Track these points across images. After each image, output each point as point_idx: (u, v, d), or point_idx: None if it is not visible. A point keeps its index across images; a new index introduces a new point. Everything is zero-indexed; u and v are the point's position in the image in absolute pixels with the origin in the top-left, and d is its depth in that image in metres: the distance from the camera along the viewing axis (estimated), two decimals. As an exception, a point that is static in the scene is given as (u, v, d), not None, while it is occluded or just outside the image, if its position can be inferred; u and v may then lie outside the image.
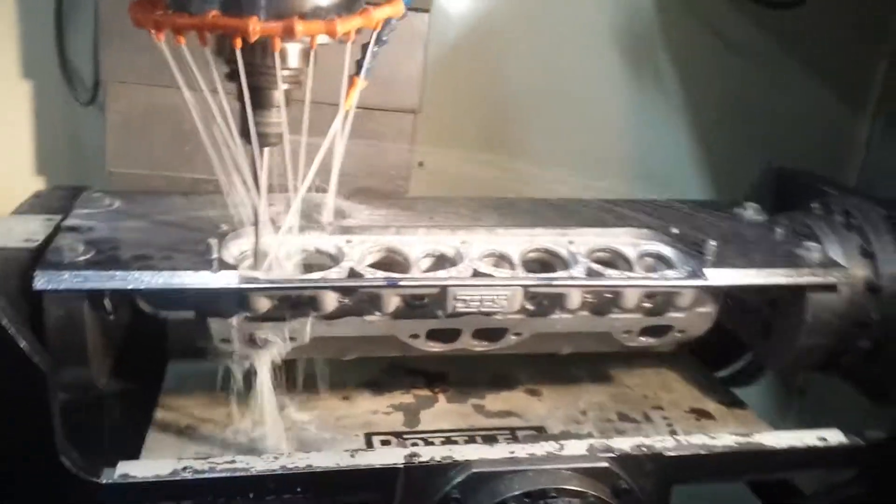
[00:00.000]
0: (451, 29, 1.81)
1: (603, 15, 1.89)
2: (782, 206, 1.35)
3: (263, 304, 1.01)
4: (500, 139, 1.85)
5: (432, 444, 1.12)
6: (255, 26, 0.83)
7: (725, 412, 1.29)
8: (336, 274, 1.01)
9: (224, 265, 0.96)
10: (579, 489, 0.97)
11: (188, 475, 0.92)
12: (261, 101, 0.93)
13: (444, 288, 1.03)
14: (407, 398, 1.25)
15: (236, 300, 1.00)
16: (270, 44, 0.86)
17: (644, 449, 1.03)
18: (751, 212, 1.31)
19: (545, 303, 1.10)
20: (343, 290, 1.03)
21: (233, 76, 0.91)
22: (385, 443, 1.12)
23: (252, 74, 0.91)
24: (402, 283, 1.01)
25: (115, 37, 1.42)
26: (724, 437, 1.08)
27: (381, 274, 1.01)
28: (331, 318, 1.05)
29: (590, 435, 1.18)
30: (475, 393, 1.27)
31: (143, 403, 1.20)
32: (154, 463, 0.94)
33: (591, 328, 1.14)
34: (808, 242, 1.16)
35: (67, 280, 0.91)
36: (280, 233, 1.02)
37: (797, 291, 1.13)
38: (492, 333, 1.13)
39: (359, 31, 0.92)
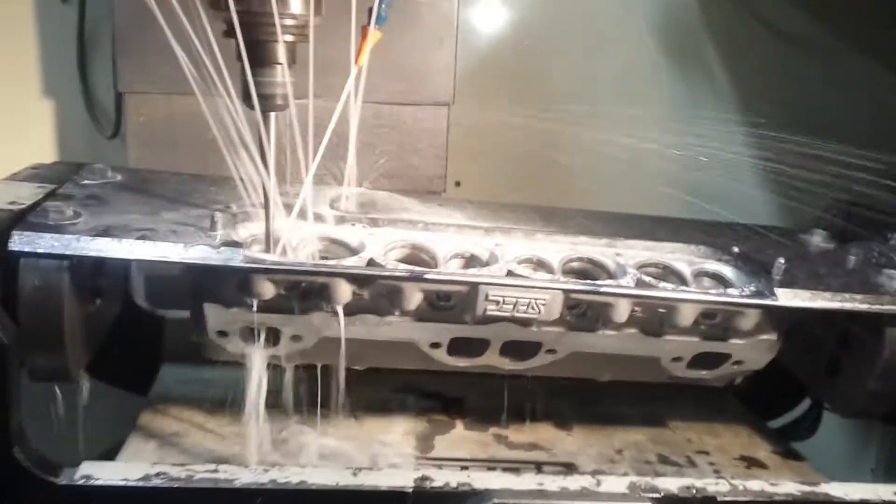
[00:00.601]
0: (483, 37, 1.72)
1: (645, 9, 1.76)
2: (851, 240, 1.22)
3: (268, 289, 0.88)
4: (538, 151, 1.73)
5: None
6: None
7: (780, 462, 1.15)
8: (353, 262, 0.89)
9: (228, 242, 0.85)
10: (618, 531, 0.83)
11: (161, 482, 0.79)
12: (261, 57, 0.81)
13: (475, 286, 0.90)
14: (421, 422, 1.12)
15: (238, 282, 0.88)
16: None
17: (694, 491, 0.89)
18: (818, 238, 1.17)
19: (588, 314, 0.97)
20: (360, 281, 0.90)
21: (230, 32, 0.79)
22: (394, 465, 0.98)
23: (249, 26, 0.79)
24: (427, 276, 0.89)
25: (133, 46, 1.35)
26: (785, 485, 0.93)
27: (403, 266, 0.89)
28: (344, 314, 0.92)
29: (625, 475, 1.03)
30: (496, 422, 1.14)
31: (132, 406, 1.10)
32: (123, 466, 0.81)
33: (637, 351, 1.00)
34: (890, 270, 1.02)
35: (46, 243, 0.79)
36: (292, 214, 0.90)
37: (874, 324, 0.99)
38: (523, 349, 0.99)
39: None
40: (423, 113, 1.42)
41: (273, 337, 0.94)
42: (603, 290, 0.93)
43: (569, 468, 1.04)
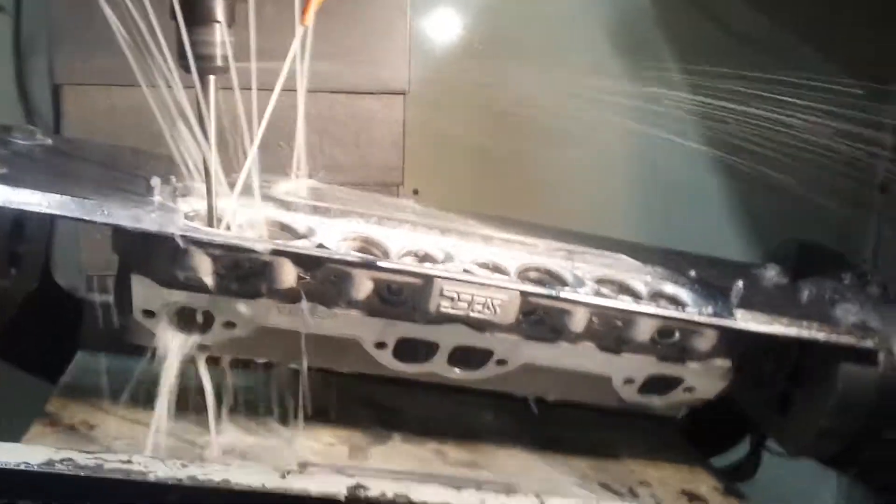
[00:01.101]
0: (438, 44, 1.66)
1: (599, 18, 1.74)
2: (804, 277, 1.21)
3: (205, 265, 0.81)
4: (497, 158, 1.69)
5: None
6: None
7: (720, 499, 1.11)
8: (303, 244, 0.82)
9: (166, 208, 0.77)
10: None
11: (66, 469, 0.70)
12: (197, 14, 0.75)
13: (430, 279, 0.85)
14: (354, 430, 1.05)
15: (172, 253, 0.80)
16: None
17: None
18: (773, 272, 1.16)
19: (544, 322, 0.93)
20: (307, 264, 0.83)
21: None
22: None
23: None
24: (380, 264, 0.83)
25: (69, 34, 1.25)
26: None
27: (355, 253, 0.83)
28: (285, 300, 0.86)
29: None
30: (436, 436, 1.08)
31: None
32: (24, 448, 0.72)
33: (590, 368, 0.96)
34: (845, 304, 1.01)
35: None
36: (234, 190, 0.84)
37: (828, 357, 0.97)
38: (473, 357, 0.94)
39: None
40: (377, 102, 1.36)
41: (205, 322, 0.87)
42: (562, 295, 0.89)
43: (509, 490, 0.98)
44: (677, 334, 0.96)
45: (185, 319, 0.86)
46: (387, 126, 1.37)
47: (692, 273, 1.03)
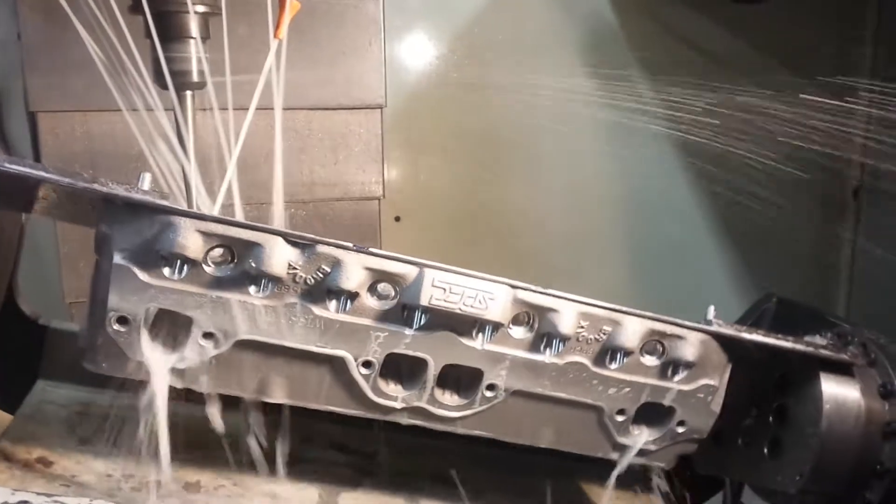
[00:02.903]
0: (413, 72, 1.68)
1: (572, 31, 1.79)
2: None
3: (195, 242, 0.77)
4: (476, 184, 1.68)
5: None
6: None
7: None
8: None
9: (155, 194, 0.75)
10: None
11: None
12: (174, 30, 0.76)
13: (421, 269, 0.83)
14: (325, 474, 1.01)
15: (162, 229, 0.76)
16: None
17: None
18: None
19: (534, 328, 0.91)
20: (300, 246, 0.80)
21: (137, 5, 0.74)
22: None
23: None
24: (372, 250, 0.81)
25: (43, 61, 1.24)
26: None
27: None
28: (274, 297, 0.82)
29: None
30: (410, 484, 1.04)
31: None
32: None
33: (580, 395, 0.93)
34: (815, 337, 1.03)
35: None
36: (217, 200, 0.81)
37: (811, 380, 0.99)
38: (462, 382, 0.91)
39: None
40: (355, 117, 1.36)
41: (182, 335, 0.82)
42: (549, 292, 0.88)
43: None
44: (663, 346, 0.96)
45: (161, 330, 0.82)
46: (365, 141, 1.37)
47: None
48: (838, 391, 1.02)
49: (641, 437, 0.99)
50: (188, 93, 0.78)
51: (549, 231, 1.74)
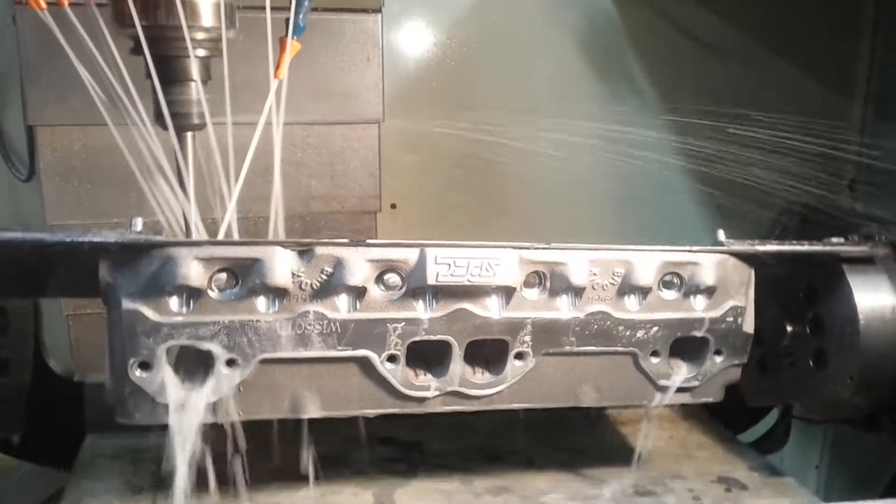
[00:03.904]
0: (411, 58, 1.65)
1: (570, 22, 1.72)
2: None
3: (196, 271, 0.78)
4: (472, 171, 1.66)
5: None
6: None
7: (759, 481, 1.09)
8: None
9: (148, 233, 0.78)
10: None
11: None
12: (173, 74, 0.76)
13: (423, 250, 0.84)
14: (378, 474, 1.02)
15: (162, 265, 0.77)
16: None
17: None
18: None
19: (548, 287, 0.90)
20: (300, 252, 0.81)
21: (138, 48, 0.74)
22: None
23: (159, 41, 0.74)
24: (370, 241, 0.82)
25: (42, 76, 1.24)
26: None
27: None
28: (284, 309, 0.82)
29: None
30: (461, 465, 1.05)
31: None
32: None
33: (610, 344, 0.92)
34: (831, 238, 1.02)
35: None
36: (221, 233, 0.82)
37: (838, 281, 0.98)
38: (490, 356, 0.92)
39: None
40: (353, 132, 1.36)
41: (205, 370, 0.83)
42: (554, 245, 0.88)
43: (541, 510, 0.96)
44: (680, 277, 0.95)
45: (185, 368, 0.83)
46: (362, 155, 1.37)
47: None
48: (869, 286, 1.01)
49: (681, 374, 0.98)
50: (188, 133, 0.79)
51: (547, 201, 1.73)
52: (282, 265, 0.80)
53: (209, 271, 0.79)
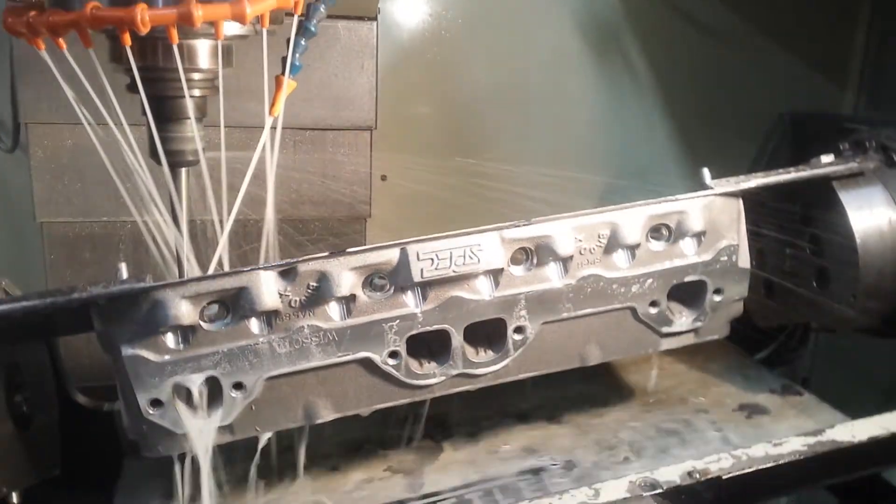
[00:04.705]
0: (403, 30, 1.62)
1: (568, 4, 1.69)
2: (803, 157, 1.17)
3: (186, 310, 0.80)
4: (465, 143, 1.66)
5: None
6: (144, 15, 0.68)
7: (780, 402, 1.10)
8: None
9: (133, 280, 0.78)
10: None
11: None
12: (169, 112, 0.77)
13: (402, 250, 0.84)
14: (405, 454, 1.05)
15: (152, 308, 0.79)
16: (167, 36, 0.70)
17: (697, 475, 0.83)
18: None
19: (535, 262, 0.91)
20: (284, 273, 0.82)
21: (134, 87, 0.75)
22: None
23: (155, 81, 0.75)
24: (350, 250, 0.83)
25: (34, 74, 1.25)
26: (789, 442, 0.89)
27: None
28: (279, 328, 0.84)
29: (627, 460, 0.98)
30: (486, 432, 1.08)
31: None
32: None
33: (607, 304, 0.93)
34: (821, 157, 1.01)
35: None
36: (211, 268, 0.83)
37: (831, 200, 0.98)
38: (489, 336, 0.93)
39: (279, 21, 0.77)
40: (344, 138, 1.37)
41: (214, 396, 0.85)
42: (534, 221, 0.88)
43: (568, 468, 0.99)
44: (668, 228, 0.95)
45: (194, 398, 0.85)
46: (354, 161, 1.37)
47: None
48: (863, 202, 1.00)
49: (683, 319, 0.99)
50: (182, 169, 0.80)
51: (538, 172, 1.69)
52: (268, 289, 0.81)
53: (198, 306, 0.81)
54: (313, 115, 1.33)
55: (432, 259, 0.85)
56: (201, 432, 0.84)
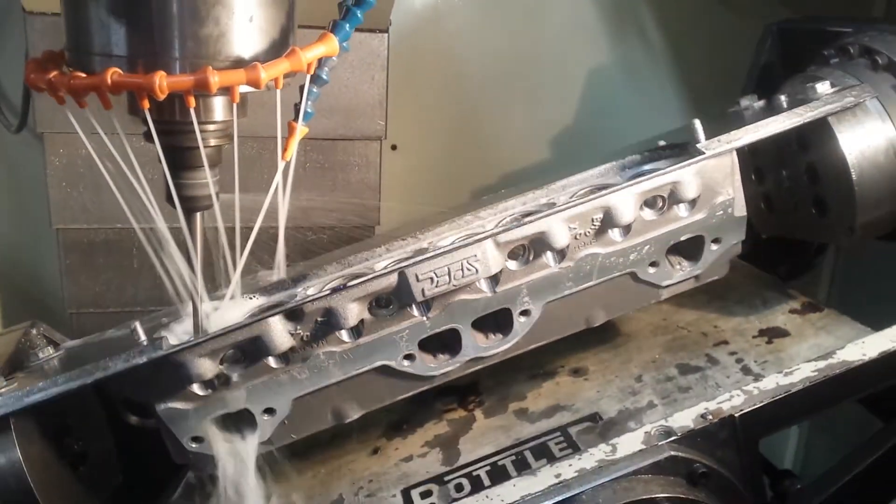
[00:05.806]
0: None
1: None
2: (796, 67, 1.15)
3: (206, 366, 0.86)
4: (475, 113, 1.66)
5: (478, 477, 0.96)
6: (163, 82, 0.70)
7: (800, 323, 1.11)
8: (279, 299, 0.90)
9: (152, 341, 0.85)
10: (647, 497, 0.81)
11: None
12: (185, 161, 0.80)
13: (401, 273, 0.88)
14: (440, 428, 1.10)
15: (174, 371, 0.86)
16: (184, 99, 0.74)
17: (710, 416, 0.86)
18: (746, 101, 1.10)
19: (531, 257, 0.93)
20: (291, 315, 0.88)
21: (150, 136, 0.79)
22: (425, 494, 0.97)
23: (171, 133, 0.78)
24: (350, 285, 0.87)
25: None
26: (800, 370, 0.90)
27: (314, 293, 0.89)
28: (296, 360, 0.90)
29: (651, 405, 1.01)
30: (515, 395, 1.11)
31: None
32: None
33: (607, 273, 0.95)
34: (815, 84, 0.99)
35: None
36: (224, 302, 0.88)
37: (825, 132, 0.97)
38: (497, 322, 0.96)
39: (291, 75, 0.78)
40: (354, 148, 1.40)
41: (248, 423, 0.92)
42: (526, 220, 0.89)
43: (594, 421, 1.02)
44: (662, 198, 0.96)
45: (230, 426, 0.92)
46: (363, 170, 1.41)
47: (661, 143, 1.05)
48: (858, 132, 0.98)
49: (684, 270, 1.01)
50: (197, 214, 0.83)
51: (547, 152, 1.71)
52: (278, 333, 0.88)
53: (216, 359, 0.87)
54: (323, 125, 1.36)
55: (431, 278, 0.88)
56: (240, 451, 0.90)
